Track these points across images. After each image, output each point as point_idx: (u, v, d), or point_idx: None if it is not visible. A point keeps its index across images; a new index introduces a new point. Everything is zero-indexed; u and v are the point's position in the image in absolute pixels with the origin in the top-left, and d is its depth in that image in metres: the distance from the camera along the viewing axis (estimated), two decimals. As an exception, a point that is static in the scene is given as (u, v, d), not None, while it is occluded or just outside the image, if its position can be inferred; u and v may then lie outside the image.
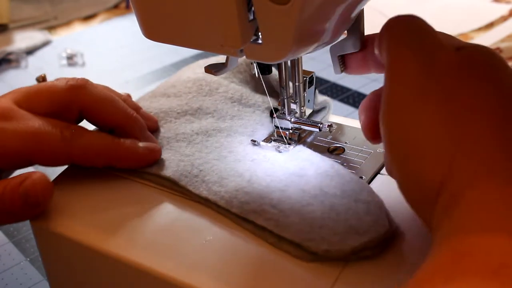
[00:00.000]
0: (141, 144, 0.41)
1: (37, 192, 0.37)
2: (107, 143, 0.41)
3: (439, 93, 0.29)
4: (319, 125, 0.42)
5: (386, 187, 0.39)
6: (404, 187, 0.31)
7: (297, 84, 0.42)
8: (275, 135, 0.44)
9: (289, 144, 0.43)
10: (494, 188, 0.25)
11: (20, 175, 0.38)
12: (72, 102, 0.41)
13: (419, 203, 0.30)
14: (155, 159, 0.41)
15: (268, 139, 0.44)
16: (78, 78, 0.42)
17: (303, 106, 0.43)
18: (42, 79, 0.46)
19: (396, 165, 0.30)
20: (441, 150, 0.28)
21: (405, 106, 0.30)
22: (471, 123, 0.28)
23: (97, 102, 0.42)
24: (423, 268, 0.24)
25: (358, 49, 0.39)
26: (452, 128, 0.28)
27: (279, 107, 0.44)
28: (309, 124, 0.43)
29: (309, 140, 0.45)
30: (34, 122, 0.39)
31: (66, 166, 0.44)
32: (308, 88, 0.43)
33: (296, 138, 0.44)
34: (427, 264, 0.24)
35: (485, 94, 0.28)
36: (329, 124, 0.43)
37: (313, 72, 0.43)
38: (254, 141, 0.43)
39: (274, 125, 0.44)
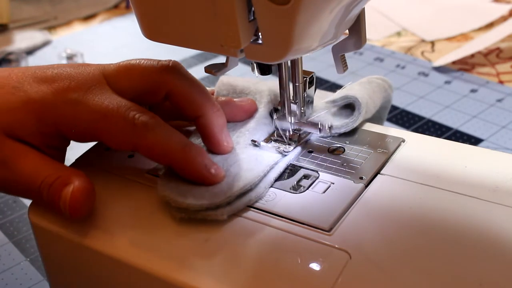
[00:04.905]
0: (207, 162, 0.39)
1: (72, 207, 0.36)
2: (175, 148, 0.38)
3: None
4: (319, 127, 0.43)
5: (386, 187, 0.39)
6: None
7: (297, 84, 0.42)
8: (276, 136, 0.44)
9: (289, 144, 0.43)
10: None
11: (67, 171, 0.38)
12: (161, 83, 0.40)
13: None
14: (212, 183, 0.39)
15: (268, 139, 0.44)
16: (170, 60, 0.41)
17: (303, 107, 0.43)
18: None
19: None
20: None
21: None
22: None
23: (187, 87, 0.41)
24: None
25: (360, 48, 0.39)
26: None
27: (280, 108, 0.44)
28: (309, 125, 0.43)
29: (309, 140, 0.44)
30: (110, 101, 0.38)
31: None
32: (308, 88, 0.43)
33: (296, 139, 0.44)
34: None
35: None
36: (329, 126, 0.43)
37: (313, 72, 0.43)
38: (254, 141, 0.43)
39: (275, 126, 0.44)
